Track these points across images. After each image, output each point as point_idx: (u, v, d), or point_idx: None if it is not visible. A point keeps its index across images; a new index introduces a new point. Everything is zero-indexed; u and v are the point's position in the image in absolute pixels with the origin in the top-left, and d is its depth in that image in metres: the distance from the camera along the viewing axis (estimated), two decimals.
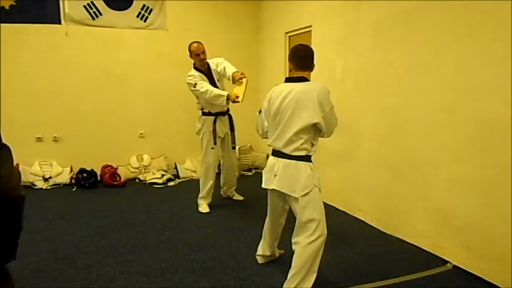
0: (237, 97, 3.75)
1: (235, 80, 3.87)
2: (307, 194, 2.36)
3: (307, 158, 2.41)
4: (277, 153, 2.49)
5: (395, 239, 3.45)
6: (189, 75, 4.02)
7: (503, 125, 2.49)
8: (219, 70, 4.07)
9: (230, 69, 3.98)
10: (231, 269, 2.88)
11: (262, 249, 2.95)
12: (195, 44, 4.00)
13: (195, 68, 4.06)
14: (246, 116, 4.74)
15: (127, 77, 5.61)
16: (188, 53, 4.05)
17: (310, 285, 2.37)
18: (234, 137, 4.31)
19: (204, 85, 3.93)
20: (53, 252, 3.17)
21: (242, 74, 3.86)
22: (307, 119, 2.32)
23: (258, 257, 2.98)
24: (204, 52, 4.00)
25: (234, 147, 4.38)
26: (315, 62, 2.53)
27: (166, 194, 4.98)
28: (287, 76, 2.62)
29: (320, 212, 2.40)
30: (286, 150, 2.41)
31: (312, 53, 2.51)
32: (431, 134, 3.09)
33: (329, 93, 2.40)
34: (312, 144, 2.43)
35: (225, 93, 3.87)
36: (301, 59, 2.47)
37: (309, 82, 2.44)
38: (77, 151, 5.41)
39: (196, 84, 3.94)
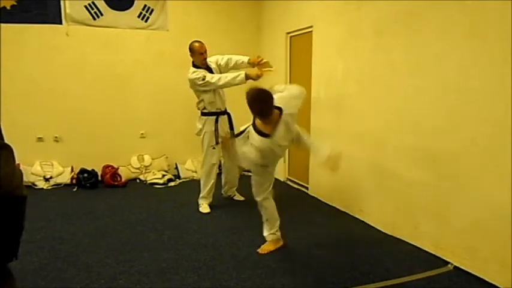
0: (258, 76, 3.82)
1: (257, 64, 3.90)
2: None
3: None
4: None
5: (396, 239, 3.44)
6: (194, 71, 3.99)
7: (505, 125, 2.48)
8: (222, 64, 4.08)
9: (237, 57, 4.07)
10: (231, 269, 2.88)
11: None
12: (198, 43, 4.00)
13: (195, 66, 4.06)
14: (247, 115, 4.72)
15: (128, 77, 5.61)
16: (189, 52, 4.05)
17: None
18: (233, 136, 4.30)
19: (213, 75, 3.95)
20: (54, 251, 3.18)
21: (259, 56, 3.94)
22: None
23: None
24: (206, 51, 4.01)
25: None
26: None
27: (167, 194, 4.98)
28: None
29: None
30: None
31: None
32: (432, 134, 3.08)
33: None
34: None
35: (241, 72, 3.90)
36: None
37: None
38: (77, 151, 5.41)
39: (205, 76, 3.93)
